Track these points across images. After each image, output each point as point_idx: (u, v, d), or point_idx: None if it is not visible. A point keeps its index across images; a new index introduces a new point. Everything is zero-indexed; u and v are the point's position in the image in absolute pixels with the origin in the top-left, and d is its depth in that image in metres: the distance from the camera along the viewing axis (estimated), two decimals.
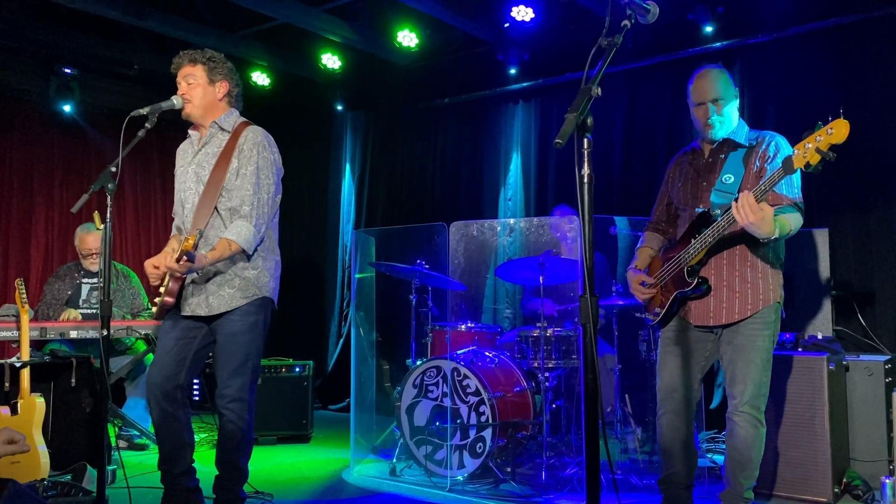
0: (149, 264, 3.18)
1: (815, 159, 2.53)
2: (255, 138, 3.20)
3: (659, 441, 3.14)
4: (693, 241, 2.97)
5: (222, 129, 3.26)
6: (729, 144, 3.07)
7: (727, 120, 3.06)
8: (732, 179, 2.97)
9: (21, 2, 5.79)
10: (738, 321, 2.95)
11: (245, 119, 3.34)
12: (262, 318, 3.22)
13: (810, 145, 2.54)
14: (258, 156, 3.16)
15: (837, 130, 2.49)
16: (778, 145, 2.99)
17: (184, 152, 3.38)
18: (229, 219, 3.16)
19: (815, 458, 3.60)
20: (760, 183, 2.73)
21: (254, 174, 3.14)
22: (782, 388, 3.68)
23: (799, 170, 2.61)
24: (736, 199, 2.72)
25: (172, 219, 3.45)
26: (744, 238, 2.90)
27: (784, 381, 3.69)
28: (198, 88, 3.21)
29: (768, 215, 2.69)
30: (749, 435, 2.92)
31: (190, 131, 3.36)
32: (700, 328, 3.05)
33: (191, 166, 3.25)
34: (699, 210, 3.02)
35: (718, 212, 2.92)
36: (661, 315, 3.10)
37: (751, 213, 2.65)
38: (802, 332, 4.04)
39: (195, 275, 3.14)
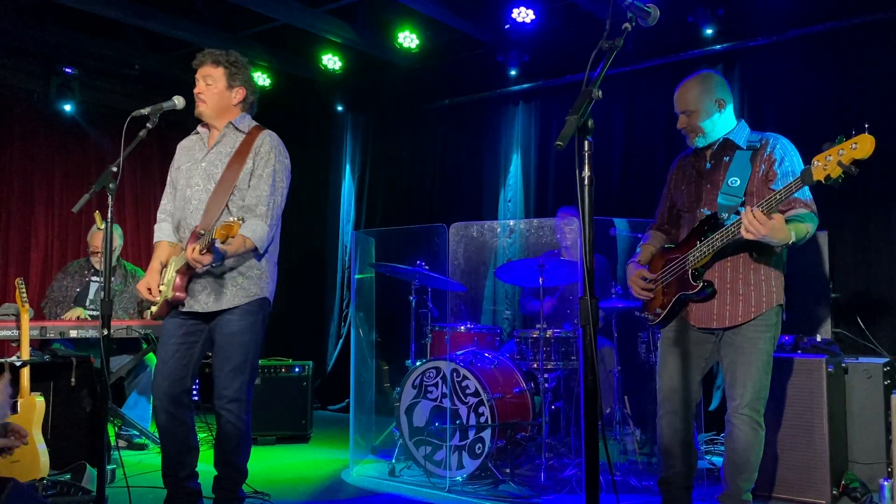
0: (142, 287, 3.19)
1: (836, 173, 2.46)
2: (273, 142, 3.23)
3: (658, 442, 3.13)
4: (699, 243, 2.95)
5: (237, 130, 3.25)
6: (730, 146, 3.05)
7: (709, 129, 3.04)
8: (739, 182, 2.94)
9: (22, 1, 5.80)
10: (741, 324, 2.95)
11: (258, 123, 3.34)
12: (260, 318, 3.23)
13: (831, 158, 2.47)
14: (275, 159, 3.20)
15: (862, 145, 2.41)
16: (784, 149, 2.97)
17: (189, 149, 3.35)
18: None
19: (813, 460, 3.60)
20: (776, 192, 2.69)
21: (270, 176, 3.17)
22: (781, 390, 3.69)
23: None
24: (741, 209, 2.69)
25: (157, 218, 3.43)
26: (750, 243, 2.85)
27: (783, 383, 3.69)
28: (214, 90, 3.19)
29: (779, 223, 2.67)
30: (748, 437, 2.91)
31: (199, 129, 3.35)
32: (701, 329, 3.04)
33: (201, 164, 3.24)
34: (706, 212, 3.01)
35: (726, 215, 2.91)
36: (661, 315, 3.08)
37: (761, 228, 2.63)
38: (801, 335, 4.04)
39: (203, 269, 3.11)
